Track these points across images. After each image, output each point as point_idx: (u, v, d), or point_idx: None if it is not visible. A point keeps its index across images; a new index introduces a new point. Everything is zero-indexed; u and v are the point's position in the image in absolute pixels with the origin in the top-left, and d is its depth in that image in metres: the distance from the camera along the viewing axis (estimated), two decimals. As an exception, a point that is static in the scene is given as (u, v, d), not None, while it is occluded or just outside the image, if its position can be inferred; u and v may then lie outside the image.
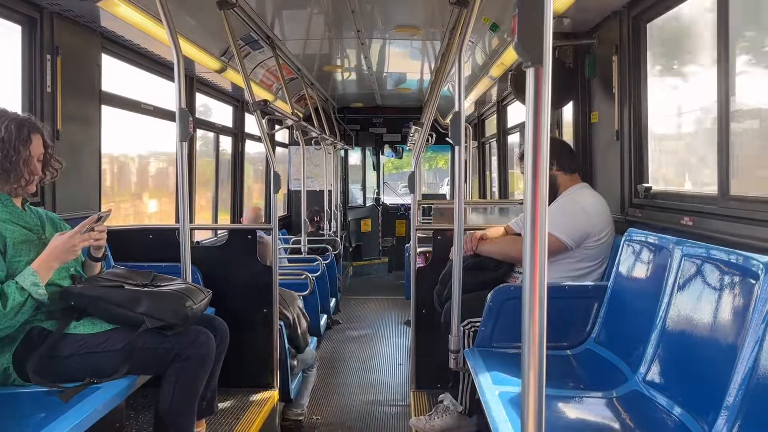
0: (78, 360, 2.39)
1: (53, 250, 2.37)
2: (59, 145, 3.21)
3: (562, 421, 2.18)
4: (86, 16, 3.42)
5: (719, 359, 1.92)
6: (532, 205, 1.25)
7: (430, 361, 3.77)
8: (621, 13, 3.40)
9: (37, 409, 2.17)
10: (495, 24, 4.30)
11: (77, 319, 2.47)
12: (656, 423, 2.10)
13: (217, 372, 2.82)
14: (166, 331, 2.47)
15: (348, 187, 10.81)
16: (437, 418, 3.23)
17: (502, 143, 7.26)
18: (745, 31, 2.58)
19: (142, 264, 3.49)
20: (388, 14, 4.74)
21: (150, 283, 2.66)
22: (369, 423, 4.58)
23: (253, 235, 3.83)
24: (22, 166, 2.42)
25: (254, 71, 5.80)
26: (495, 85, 5.75)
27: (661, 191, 3.24)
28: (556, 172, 3.27)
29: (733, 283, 2.01)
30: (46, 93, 3.23)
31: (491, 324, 2.90)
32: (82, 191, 3.60)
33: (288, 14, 4.70)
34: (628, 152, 3.43)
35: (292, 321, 4.01)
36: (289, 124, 6.06)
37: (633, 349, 2.51)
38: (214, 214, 6.41)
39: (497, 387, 2.35)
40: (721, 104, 2.57)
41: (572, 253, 3.09)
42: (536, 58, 1.21)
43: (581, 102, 3.97)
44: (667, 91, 3.39)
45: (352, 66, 6.90)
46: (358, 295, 9.42)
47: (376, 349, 6.49)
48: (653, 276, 2.58)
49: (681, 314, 2.27)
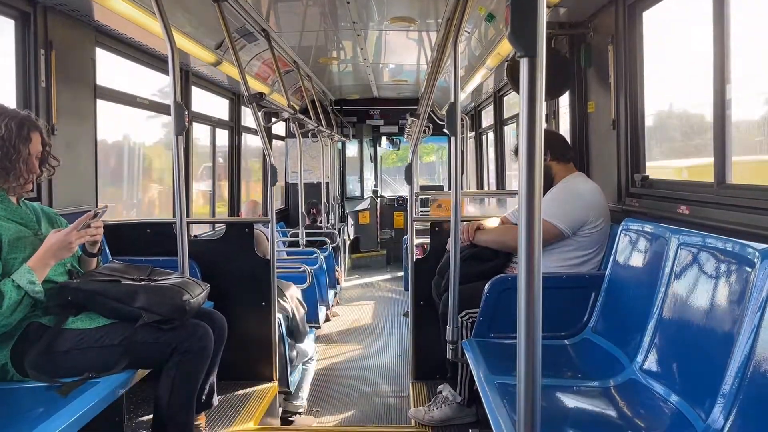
0: (76, 355, 2.39)
1: (50, 247, 2.37)
2: (54, 140, 3.19)
3: (559, 410, 2.19)
4: (80, 10, 3.40)
5: (715, 347, 1.93)
6: (528, 196, 1.25)
7: (429, 352, 3.78)
8: (617, 2, 3.39)
9: (35, 405, 2.17)
10: (491, 14, 4.28)
11: (75, 315, 2.46)
12: (653, 411, 2.11)
13: (216, 365, 2.82)
14: (163, 325, 2.47)
15: (346, 180, 10.80)
16: (436, 409, 3.25)
17: (500, 134, 7.25)
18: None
19: (140, 258, 3.49)
20: (383, 5, 4.72)
21: (147, 277, 2.66)
22: (368, 414, 4.59)
23: (250, 229, 3.83)
24: (22, 165, 2.41)
25: (250, 64, 5.78)
26: (492, 75, 5.74)
27: (658, 180, 3.25)
28: (550, 162, 3.27)
29: (730, 271, 2.02)
30: (41, 88, 3.21)
31: (489, 314, 2.91)
32: (77, 186, 3.59)
33: (283, 6, 4.68)
34: (624, 141, 3.43)
35: (290, 312, 4.02)
36: (286, 117, 6.04)
37: (630, 338, 2.52)
38: (211, 208, 6.41)
39: (495, 377, 2.35)
40: (717, 92, 2.57)
41: (568, 242, 3.09)
42: (530, 49, 1.21)
43: (578, 92, 3.96)
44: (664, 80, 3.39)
45: (348, 58, 6.88)
46: (357, 287, 9.44)
47: (375, 341, 6.51)
48: (650, 265, 2.59)
49: (677, 303, 2.28)
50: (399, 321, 7.13)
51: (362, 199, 11.15)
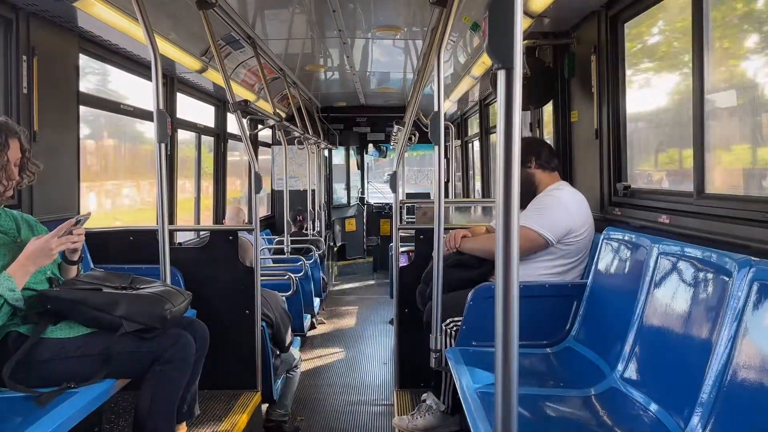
0: (55, 364, 2.36)
1: (30, 254, 2.34)
2: (36, 147, 3.16)
3: (540, 419, 2.19)
4: (63, 17, 3.38)
5: (694, 356, 1.95)
6: (505, 205, 1.25)
7: (414, 361, 3.77)
8: (599, 13, 3.43)
9: (12, 415, 2.14)
10: (476, 23, 4.31)
11: (54, 323, 2.43)
12: (633, 420, 2.13)
13: (198, 375, 2.80)
14: (144, 334, 2.46)
15: (332, 187, 10.79)
16: (420, 418, 3.24)
17: (485, 142, 7.29)
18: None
19: (123, 266, 3.46)
20: (369, 14, 4.74)
21: (129, 285, 2.64)
22: (353, 423, 4.57)
23: (234, 236, 3.81)
24: (1, 172, 2.39)
25: (235, 71, 5.77)
26: (477, 84, 5.77)
27: (639, 189, 3.28)
28: (534, 170, 3.27)
29: (708, 280, 2.04)
30: (23, 94, 3.18)
31: (471, 323, 2.91)
32: (59, 193, 3.56)
33: (269, 14, 4.68)
34: (607, 151, 3.46)
35: (274, 321, 4.00)
36: (271, 124, 6.03)
37: (611, 346, 2.53)
38: (196, 215, 6.38)
39: (476, 386, 2.35)
40: (695, 102, 2.60)
41: (551, 250, 3.11)
42: (507, 60, 1.22)
43: (561, 101, 4.00)
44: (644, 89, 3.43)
45: (335, 65, 6.89)
46: (343, 294, 9.41)
47: (361, 349, 6.49)
48: (631, 274, 2.61)
49: (657, 312, 2.30)
50: (385, 329, 7.12)
51: (349, 206, 11.15)
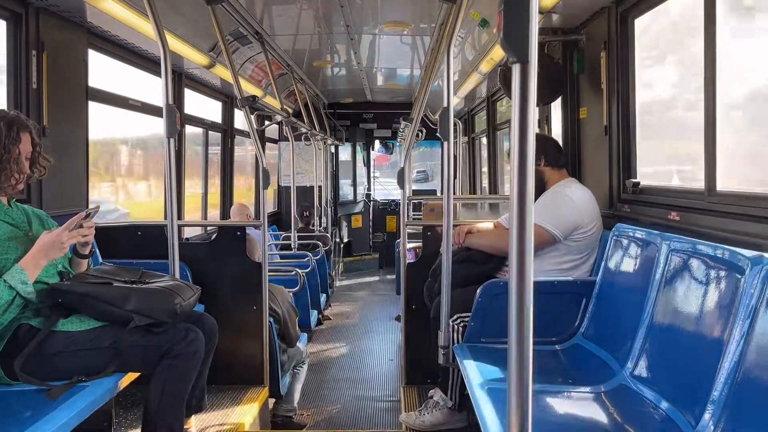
0: (66, 358, 2.37)
1: (41, 247, 2.36)
2: (45, 141, 3.17)
3: (550, 416, 2.19)
4: (72, 12, 3.39)
5: (705, 353, 1.94)
6: (519, 201, 1.24)
7: (421, 357, 3.78)
8: (609, 9, 3.41)
9: (24, 408, 2.15)
10: (484, 20, 4.30)
11: (65, 317, 2.45)
12: (643, 417, 2.12)
13: (206, 369, 2.81)
14: (154, 328, 2.46)
15: (338, 183, 10.80)
16: (427, 414, 3.24)
17: (492, 139, 7.27)
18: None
19: (131, 261, 3.47)
20: (377, 9, 4.73)
21: (138, 280, 2.65)
22: (360, 419, 4.58)
23: (242, 232, 3.82)
24: (12, 165, 2.40)
25: (243, 67, 5.77)
26: (485, 80, 5.76)
27: (649, 186, 3.26)
28: (543, 168, 3.27)
29: (719, 277, 2.03)
30: (32, 89, 3.19)
31: (480, 319, 2.91)
32: (69, 188, 3.57)
33: (277, 9, 4.68)
34: (616, 147, 3.45)
35: (281, 316, 4.00)
36: (279, 120, 6.04)
37: (621, 343, 2.52)
38: (203, 211, 6.39)
39: (486, 382, 2.35)
40: (707, 100, 2.58)
41: (559, 246, 3.10)
42: (522, 55, 1.21)
43: (570, 98, 3.98)
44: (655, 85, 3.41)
45: (342, 61, 6.89)
46: (349, 290, 9.42)
47: (367, 345, 6.50)
48: (641, 271, 2.60)
49: (668, 309, 2.28)
50: (391, 325, 7.13)
51: (355, 203, 11.15)
